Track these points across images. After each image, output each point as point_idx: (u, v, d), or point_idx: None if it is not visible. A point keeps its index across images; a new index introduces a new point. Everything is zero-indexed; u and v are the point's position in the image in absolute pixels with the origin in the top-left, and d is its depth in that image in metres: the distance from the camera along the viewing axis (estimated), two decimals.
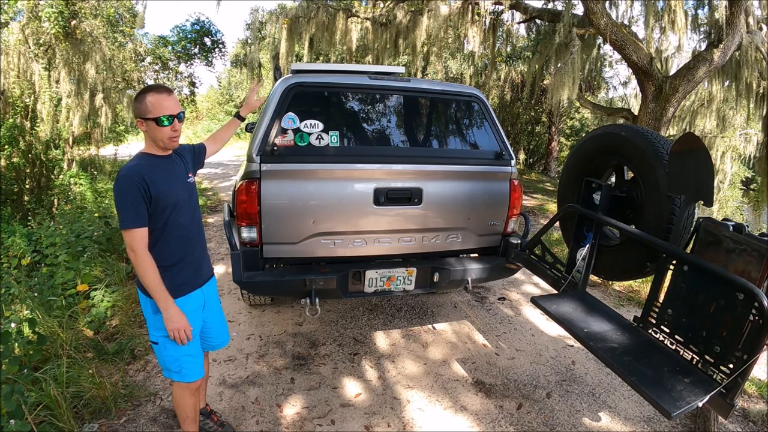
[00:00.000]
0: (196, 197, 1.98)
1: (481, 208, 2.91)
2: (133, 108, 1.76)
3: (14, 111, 8.04)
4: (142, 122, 1.73)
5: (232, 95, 28.54)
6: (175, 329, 1.74)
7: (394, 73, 3.23)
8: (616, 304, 4.06)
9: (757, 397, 2.78)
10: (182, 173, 1.89)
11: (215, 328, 2.10)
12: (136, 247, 1.68)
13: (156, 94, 1.71)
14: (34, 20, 7.64)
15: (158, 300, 1.71)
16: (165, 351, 1.83)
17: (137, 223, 1.67)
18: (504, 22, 9.04)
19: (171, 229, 1.79)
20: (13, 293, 3.38)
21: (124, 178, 1.68)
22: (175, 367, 1.85)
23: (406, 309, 3.77)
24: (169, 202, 1.76)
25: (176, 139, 1.79)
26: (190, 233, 1.89)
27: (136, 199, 1.66)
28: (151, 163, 1.76)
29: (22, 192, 8.28)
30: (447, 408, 2.57)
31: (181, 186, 1.84)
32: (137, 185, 1.66)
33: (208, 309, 2.02)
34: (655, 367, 1.76)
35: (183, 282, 1.85)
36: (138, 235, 1.68)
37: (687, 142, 1.92)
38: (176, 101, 1.75)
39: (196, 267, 1.93)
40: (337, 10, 9.14)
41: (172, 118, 1.72)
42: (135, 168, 1.71)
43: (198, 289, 1.93)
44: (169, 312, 1.73)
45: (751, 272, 1.70)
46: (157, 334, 1.82)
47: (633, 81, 11.76)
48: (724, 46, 5.58)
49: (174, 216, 1.79)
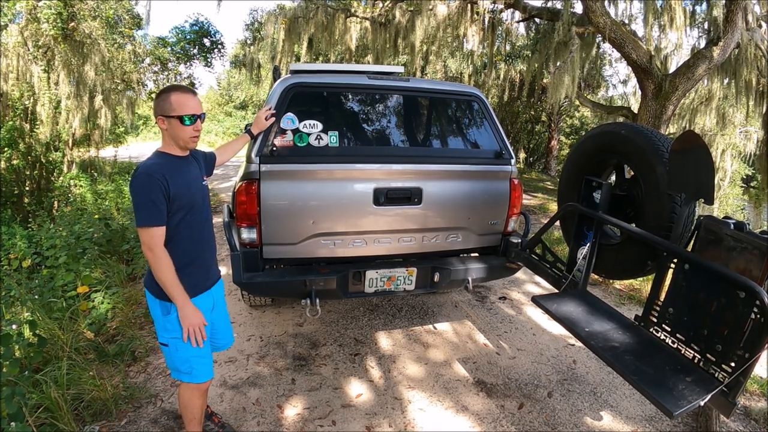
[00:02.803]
0: (209, 200, 1.98)
1: (482, 208, 2.91)
2: (155, 105, 1.75)
3: (14, 113, 8.04)
4: (163, 120, 1.72)
5: (231, 96, 28.55)
6: (191, 326, 1.73)
7: (393, 72, 3.23)
8: (617, 303, 4.06)
9: (759, 395, 2.78)
10: (198, 175, 1.89)
11: (221, 329, 2.11)
12: (154, 246, 1.67)
13: (181, 93, 1.73)
14: (32, 22, 7.64)
15: (175, 297, 1.71)
16: (176, 353, 1.82)
17: (157, 221, 1.66)
18: (503, 21, 9.04)
19: (183, 230, 1.77)
20: (13, 295, 3.38)
21: (144, 175, 1.66)
22: (186, 368, 1.84)
23: (406, 309, 3.77)
24: (186, 202, 1.75)
25: (196, 139, 1.80)
26: (202, 235, 1.88)
27: (157, 196, 1.65)
28: (170, 162, 1.76)
29: (22, 194, 8.29)
30: (448, 408, 2.56)
31: (197, 188, 1.85)
32: (158, 182, 1.65)
33: (216, 311, 2.02)
34: (657, 366, 1.76)
35: (194, 284, 1.84)
36: (157, 233, 1.67)
37: (687, 140, 1.92)
38: (199, 102, 1.78)
39: (206, 269, 1.93)
40: (336, 10, 9.15)
41: (195, 118, 1.73)
42: (155, 166, 1.70)
43: (207, 291, 1.93)
44: (186, 310, 1.72)
45: (753, 270, 1.70)
46: (167, 336, 1.80)
47: (632, 79, 11.77)
48: (723, 44, 5.57)
49: (188, 217, 1.78)
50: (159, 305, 1.78)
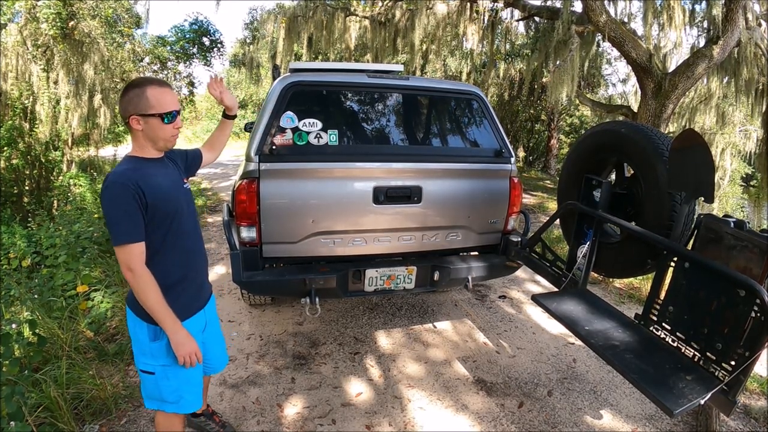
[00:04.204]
0: (194, 205, 1.79)
1: (481, 206, 2.91)
2: (126, 103, 1.51)
3: (13, 112, 8.04)
4: (139, 120, 1.50)
5: None
6: (186, 354, 1.55)
7: (393, 71, 3.23)
8: (616, 302, 4.06)
9: (759, 394, 2.78)
10: (177, 178, 1.69)
11: (215, 350, 1.92)
12: (134, 265, 1.46)
13: (157, 87, 1.52)
14: (32, 21, 7.63)
15: (164, 323, 1.51)
16: (165, 382, 1.62)
17: (134, 237, 1.46)
18: (503, 19, 9.03)
19: (172, 241, 1.58)
20: (13, 294, 3.38)
21: (115, 185, 1.45)
22: (174, 397, 1.64)
23: (406, 308, 3.77)
24: (169, 209, 1.56)
25: (176, 138, 1.61)
26: (194, 245, 1.70)
27: (131, 208, 1.44)
28: (144, 167, 1.54)
29: (21, 193, 8.29)
30: (448, 407, 2.56)
31: (178, 192, 1.65)
32: (131, 193, 1.44)
33: (208, 331, 1.84)
34: (657, 364, 1.76)
35: (186, 303, 1.66)
36: (136, 251, 1.46)
37: (687, 138, 1.92)
38: (175, 96, 1.59)
39: (198, 285, 1.74)
40: (335, 9, 9.14)
41: (174, 114, 1.54)
42: (126, 173, 1.48)
43: (201, 311, 1.75)
44: (178, 336, 1.53)
45: (753, 269, 1.70)
46: (155, 363, 1.59)
47: (632, 78, 11.75)
48: (723, 43, 5.57)
49: (174, 226, 1.59)
50: (147, 329, 1.57)
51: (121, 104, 1.53)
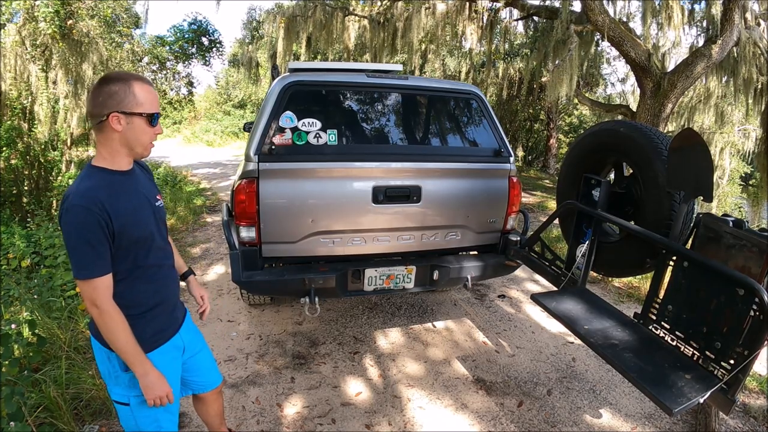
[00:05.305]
0: (166, 226, 1.57)
1: (480, 206, 2.91)
2: (108, 98, 1.26)
3: (12, 113, 8.02)
4: (122, 119, 1.27)
5: (230, 95, 28.49)
6: (155, 397, 1.39)
7: (392, 71, 3.23)
8: (616, 301, 4.06)
9: (758, 392, 2.78)
10: (150, 191, 1.47)
11: (203, 368, 1.74)
12: (100, 301, 1.27)
13: (144, 83, 1.32)
14: (30, 21, 7.62)
15: (133, 365, 1.35)
16: (141, 412, 1.46)
17: (99, 271, 1.27)
18: (501, 19, 9.02)
19: (142, 268, 1.40)
20: (13, 295, 3.37)
21: (77, 209, 1.23)
22: (153, 427, 1.51)
23: (405, 307, 3.77)
24: (139, 235, 1.36)
25: (152, 147, 1.42)
26: (165, 270, 1.52)
27: (95, 238, 1.24)
28: (112, 184, 1.31)
29: (21, 194, 8.27)
30: (448, 406, 2.56)
31: (150, 212, 1.43)
32: (96, 219, 1.23)
33: (189, 350, 1.66)
34: (656, 363, 1.76)
35: (158, 329, 1.49)
36: (101, 285, 1.28)
37: (686, 137, 1.92)
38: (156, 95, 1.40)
39: (171, 309, 1.56)
40: (334, 8, 9.13)
41: (157, 117, 1.35)
42: (90, 193, 1.25)
43: (177, 334, 1.58)
44: (148, 378, 1.37)
45: (752, 268, 1.70)
46: (129, 394, 1.44)
47: (631, 77, 11.76)
48: (722, 42, 5.57)
49: (143, 253, 1.39)
50: (117, 360, 1.40)
51: (97, 99, 1.27)
